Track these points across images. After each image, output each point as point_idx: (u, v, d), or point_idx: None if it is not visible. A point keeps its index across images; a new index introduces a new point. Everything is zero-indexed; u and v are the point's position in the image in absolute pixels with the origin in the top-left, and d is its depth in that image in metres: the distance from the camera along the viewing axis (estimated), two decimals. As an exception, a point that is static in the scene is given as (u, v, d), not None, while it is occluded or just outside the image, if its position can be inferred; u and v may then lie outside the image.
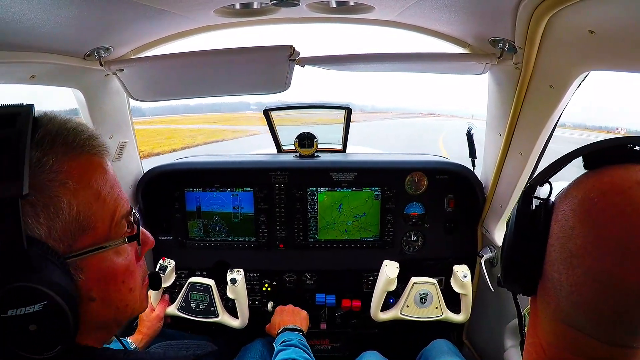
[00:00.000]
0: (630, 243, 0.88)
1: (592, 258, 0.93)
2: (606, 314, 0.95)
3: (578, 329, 1.01)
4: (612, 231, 0.91)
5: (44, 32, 1.92)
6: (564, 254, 0.99)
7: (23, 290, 0.96)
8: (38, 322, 0.98)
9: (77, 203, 1.06)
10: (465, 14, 2.16)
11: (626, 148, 0.99)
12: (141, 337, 2.91)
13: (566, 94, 2.16)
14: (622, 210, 0.90)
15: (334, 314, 3.73)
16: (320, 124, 4.15)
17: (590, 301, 0.95)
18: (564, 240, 0.99)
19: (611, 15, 1.54)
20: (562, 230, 1.01)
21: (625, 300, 0.90)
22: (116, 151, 3.12)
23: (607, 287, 0.91)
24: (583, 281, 0.95)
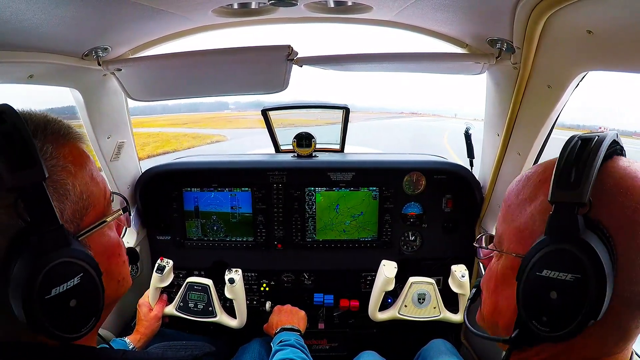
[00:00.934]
0: None
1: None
2: None
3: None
4: None
5: (42, 32, 1.92)
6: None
7: (64, 266, 1.03)
8: (77, 296, 1.06)
9: (78, 184, 1.13)
10: (463, 13, 2.16)
11: (614, 142, 1.08)
12: (139, 337, 2.90)
13: (564, 94, 2.16)
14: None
15: (332, 313, 3.73)
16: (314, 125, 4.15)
17: None
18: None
19: (609, 15, 1.54)
20: (637, 239, 0.97)
21: None
22: (114, 151, 3.12)
23: None
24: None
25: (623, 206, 0.99)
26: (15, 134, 0.98)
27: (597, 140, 1.03)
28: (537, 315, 1.04)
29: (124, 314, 3.46)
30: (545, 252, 1.02)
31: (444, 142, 33.79)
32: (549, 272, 1.00)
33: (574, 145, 1.05)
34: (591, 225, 0.99)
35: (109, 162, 3.10)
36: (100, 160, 3.03)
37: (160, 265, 3.08)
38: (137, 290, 3.38)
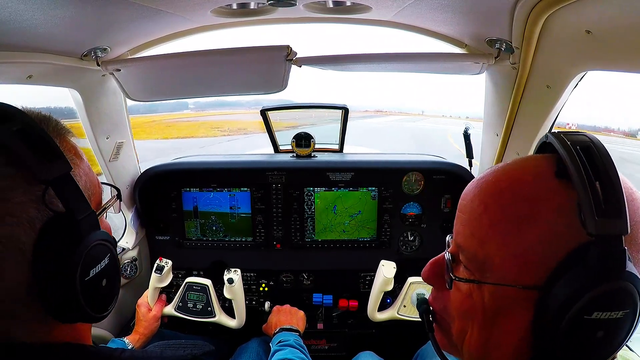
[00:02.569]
0: None
1: None
2: None
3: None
4: None
5: (41, 32, 1.92)
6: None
7: (98, 247, 1.11)
8: (107, 276, 1.14)
9: (82, 174, 1.16)
10: (462, 14, 2.16)
11: None
12: (138, 337, 2.91)
13: (563, 94, 2.16)
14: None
15: (331, 314, 3.73)
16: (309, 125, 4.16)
17: None
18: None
19: (608, 15, 1.54)
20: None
21: None
22: (113, 151, 3.11)
23: None
24: None
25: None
26: (29, 130, 1.00)
27: (598, 146, 0.93)
28: (571, 355, 0.92)
29: (123, 314, 3.46)
30: (597, 293, 0.86)
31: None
32: (600, 313, 0.87)
33: (576, 151, 0.92)
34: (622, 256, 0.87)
35: (108, 162, 3.09)
36: (99, 161, 3.03)
37: (159, 265, 3.08)
38: (136, 290, 3.38)
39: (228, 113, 63.52)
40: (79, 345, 1.14)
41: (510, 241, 0.97)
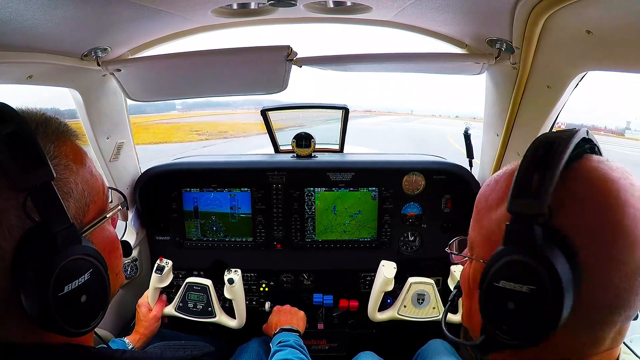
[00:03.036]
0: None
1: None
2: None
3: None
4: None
5: (41, 32, 1.92)
6: (624, 269, 0.94)
7: (76, 262, 1.06)
8: (87, 292, 1.09)
9: (80, 181, 1.14)
10: (463, 14, 2.17)
11: (586, 140, 1.08)
12: (138, 337, 2.91)
13: (563, 94, 2.17)
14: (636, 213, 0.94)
15: (331, 314, 3.73)
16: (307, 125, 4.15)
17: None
18: (620, 256, 0.94)
19: (608, 15, 1.54)
20: (609, 250, 0.95)
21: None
22: (113, 151, 3.12)
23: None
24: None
25: (588, 212, 0.97)
26: (20, 134, 0.99)
27: (562, 141, 1.00)
28: (497, 323, 1.03)
29: (123, 314, 3.47)
30: (502, 262, 1.00)
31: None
32: (506, 283, 0.99)
33: (538, 147, 1.02)
34: (551, 235, 0.96)
35: (109, 162, 3.09)
36: (99, 161, 3.03)
37: (159, 265, 3.08)
38: (136, 290, 3.38)
39: (214, 114, 62.11)
40: (79, 346, 1.14)
41: (483, 224, 1.18)
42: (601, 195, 0.96)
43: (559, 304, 0.92)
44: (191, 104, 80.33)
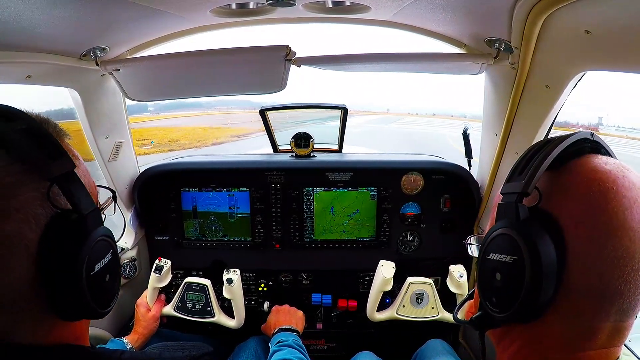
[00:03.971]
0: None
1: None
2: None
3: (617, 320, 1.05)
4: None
5: (40, 32, 1.92)
6: (608, 255, 0.99)
7: (102, 243, 1.14)
8: (109, 271, 1.17)
9: (82, 174, 1.17)
10: (461, 14, 2.17)
11: (587, 139, 1.15)
12: (137, 337, 2.91)
13: (562, 94, 2.17)
14: (622, 202, 1.00)
15: (330, 314, 3.73)
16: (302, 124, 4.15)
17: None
18: (603, 241, 0.99)
19: (607, 15, 1.54)
20: (591, 233, 1.01)
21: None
22: (112, 151, 3.11)
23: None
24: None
25: (580, 202, 1.03)
26: (34, 130, 1.04)
27: (558, 139, 1.11)
28: (488, 296, 1.17)
29: (122, 314, 3.46)
30: (492, 236, 1.16)
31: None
32: (494, 254, 1.13)
33: (536, 144, 1.18)
34: (539, 216, 1.07)
35: (107, 162, 3.09)
36: (98, 161, 3.03)
37: (158, 265, 3.08)
38: (135, 290, 3.38)
39: (182, 116, 60.36)
40: (79, 347, 1.14)
41: (492, 213, 1.29)
42: (590, 183, 1.04)
43: (538, 275, 1.01)
44: (163, 106, 79.67)
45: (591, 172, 1.06)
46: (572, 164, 1.11)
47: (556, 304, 1.04)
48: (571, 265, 1.02)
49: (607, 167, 1.06)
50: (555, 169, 1.11)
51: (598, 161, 1.08)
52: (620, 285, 0.99)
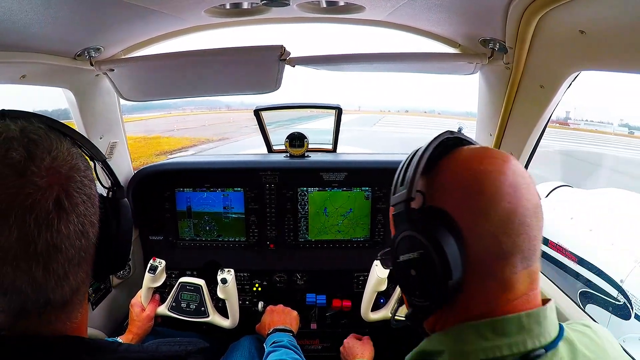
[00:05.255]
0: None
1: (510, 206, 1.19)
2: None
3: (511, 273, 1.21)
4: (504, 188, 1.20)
5: (34, 32, 1.92)
6: (494, 220, 1.18)
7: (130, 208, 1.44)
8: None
9: None
10: (456, 14, 2.17)
11: (449, 139, 1.37)
12: (131, 337, 2.91)
13: (557, 94, 2.17)
14: (489, 176, 1.21)
15: (324, 314, 3.73)
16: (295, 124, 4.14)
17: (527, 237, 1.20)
18: (485, 211, 1.19)
19: (602, 15, 1.55)
20: (474, 209, 1.21)
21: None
22: (107, 151, 3.12)
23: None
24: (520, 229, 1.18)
25: (456, 188, 1.24)
26: (58, 125, 1.20)
27: (424, 147, 1.32)
28: (412, 292, 1.32)
29: (117, 313, 3.46)
30: (396, 243, 1.29)
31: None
32: (404, 256, 1.26)
33: (409, 155, 1.37)
34: (430, 211, 1.25)
35: (102, 161, 3.08)
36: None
37: (152, 265, 3.07)
38: (129, 290, 3.38)
39: (130, 120, 59.60)
40: (77, 338, 1.16)
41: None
42: (459, 171, 1.26)
43: (444, 257, 1.15)
44: (130, 107, 78.48)
45: (460, 164, 1.28)
46: (442, 162, 1.31)
47: (470, 275, 1.19)
48: (468, 240, 1.18)
49: (470, 154, 1.30)
50: (431, 170, 1.31)
51: (461, 152, 1.32)
52: (515, 239, 1.17)
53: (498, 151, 1.31)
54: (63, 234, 1.04)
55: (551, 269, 6.57)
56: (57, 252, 1.04)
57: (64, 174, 1.06)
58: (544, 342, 1.21)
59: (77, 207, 1.08)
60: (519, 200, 1.19)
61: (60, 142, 1.11)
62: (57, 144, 1.09)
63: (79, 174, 1.11)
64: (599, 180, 18.34)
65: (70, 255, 1.07)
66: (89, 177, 1.16)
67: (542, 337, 1.21)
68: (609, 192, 7.89)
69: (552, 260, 6.66)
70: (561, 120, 46.20)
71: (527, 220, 1.19)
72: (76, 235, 1.08)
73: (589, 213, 6.82)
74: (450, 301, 1.25)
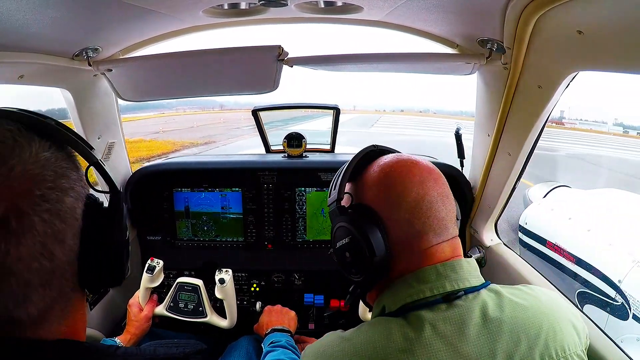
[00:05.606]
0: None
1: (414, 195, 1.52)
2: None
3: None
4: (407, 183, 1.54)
5: (32, 32, 1.92)
6: (404, 207, 1.51)
7: (126, 216, 1.30)
8: (127, 247, 1.36)
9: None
10: (454, 14, 2.17)
11: (373, 151, 1.75)
12: (129, 337, 2.91)
13: (555, 94, 2.17)
14: (399, 175, 1.56)
15: (322, 314, 3.72)
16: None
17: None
18: (397, 202, 1.52)
19: (600, 15, 1.55)
20: (388, 201, 1.54)
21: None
22: (104, 151, 3.12)
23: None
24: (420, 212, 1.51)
25: (374, 186, 1.59)
26: (63, 126, 1.15)
27: (352, 158, 1.70)
28: (349, 271, 1.63)
29: (114, 314, 3.47)
30: (333, 232, 1.66)
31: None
32: (339, 243, 1.61)
33: (343, 165, 1.71)
34: (359, 207, 1.60)
35: (100, 162, 3.08)
36: (90, 160, 3.02)
37: (150, 265, 3.07)
38: (127, 290, 3.37)
39: (124, 120, 58.46)
40: (74, 342, 1.13)
41: None
42: (376, 174, 1.60)
43: (367, 238, 1.48)
44: (123, 107, 78.32)
45: (377, 169, 1.61)
46: (366, 169, 1.66)
47: (393, 254, 1.52)
48: (387, 224, 1.51)
49: (386, 161, 1.62)
50: (358, 177, 1.68)
51: (380, 160, 1.64)
52: (425, 220, 1.49)
53: (409, 156, 1.65)
54: (12, 257, 0.94)
55: (549, 269, 6.58)
56: (9, 275, 0.95)
57: (17, 190, 0.95)
58: (463, 286, 1.48)
59: (34, 227, 0.96)
60: (426, 191, 1.51)
61: (28, 147, 1.01)
62: (20, 151, 0.98)
63: (41, 187, 0.99)
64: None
65: (27, 278, 0.97)
66: (60, 187, 1.03)
67: (461, 282, 1.48)
68: (608, 193, 7.90)
69: (550, 261, 6.68)
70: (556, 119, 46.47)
71: (434, 205, 1.51)
72: (33, 257, 0.97)
73: (587, 213, 6.82)
74: (381, 276, 1.56)
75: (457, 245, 1.60)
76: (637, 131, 48.55)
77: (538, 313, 1.44)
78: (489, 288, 1.51)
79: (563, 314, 1.50)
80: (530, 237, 7.32)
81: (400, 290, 1.52)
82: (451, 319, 1.40)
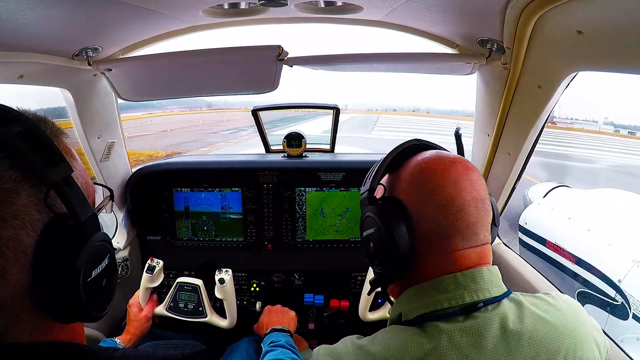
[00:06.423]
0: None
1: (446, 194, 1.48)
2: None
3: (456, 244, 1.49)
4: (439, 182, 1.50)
5: (32, 32, 1.91)
6: (434, 207, 1.47)
7: (100, 248, 1.14)
8: (106, 276, 1.17)
9: (79, 175, 1.18)
10: (454, 14, 2.17)
11: (414, 145, 1.70)
12: (129, 337, 2.91)
13: (554, 94, 2.17)
14: (434, 173, 1.52)
15: (322, 314, 3.73)
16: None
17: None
18: (428, 200, 1.50)
19: (599, 15, 1.55)
20: (419, 198, 1.52)
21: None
22: (104, 151, 3.11)
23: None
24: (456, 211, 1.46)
25: (408, 182, 1.57)
26: (31, 132, 1.02)
27: (392, 150, 1.68)
28: (372, 261, 1.63)
29: (114, 314, 3.47)
30: (362, 221, 1.66)
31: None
32: (365, 232, 1.62)
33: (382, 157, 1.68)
34: (386, 200, 1.60)
35: (99, 162, 3.09)
36: (90, 161, 3.03)
37: (150, 265, 3.07)
38: (127, 290, 3.37)
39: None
40: (71, 345, 1.12)
41: None
42: (412, 170, 1.58)
43: (391, 233, 1.47)
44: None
45: (414, 164, 1.58)
46: (405, 163, 1.63)
47: (417, 250, 1.49)
48: (415, 220, 1.49)
49: (424, 157, 1.59)
50: (395, 170, 1.66)
51: (419, 155, 1.61)
52: (453, 222, 1.45)
53: (448, 154, 1.61)
54: None
55: (549, 268, 6.58)
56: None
57: None
58: (482, 297, 1.44)
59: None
60: (458, 192, 1.46)
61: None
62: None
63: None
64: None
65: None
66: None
67: (480, 292, 1.44)
68: (607, 192, 7.90)
69: (550, 260, 6.68)
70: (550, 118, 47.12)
71: (465, 208, 1.46)
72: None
73: (587, 213, 6.82)
74: (404, 271, 1.55)
75: (486, 253, 1.54)
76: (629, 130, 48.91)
77: (560, 327, 1.42)
78: (510, 298, 1.48)
79: (586, 330, 1.49)
80: (530, 237, 7.34)
81: (419, 298, 1.51)
82: (468, 330, 1.39)
